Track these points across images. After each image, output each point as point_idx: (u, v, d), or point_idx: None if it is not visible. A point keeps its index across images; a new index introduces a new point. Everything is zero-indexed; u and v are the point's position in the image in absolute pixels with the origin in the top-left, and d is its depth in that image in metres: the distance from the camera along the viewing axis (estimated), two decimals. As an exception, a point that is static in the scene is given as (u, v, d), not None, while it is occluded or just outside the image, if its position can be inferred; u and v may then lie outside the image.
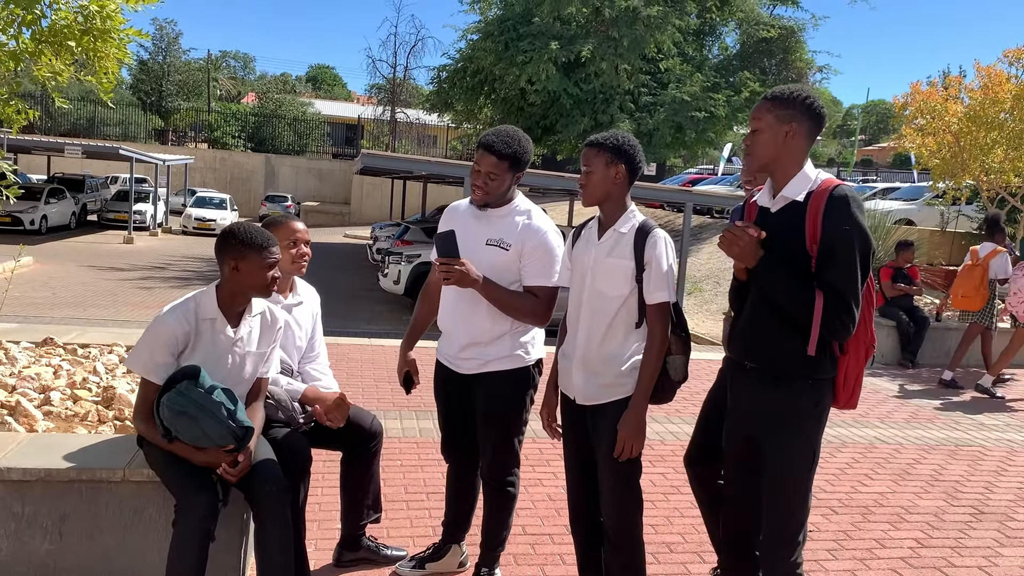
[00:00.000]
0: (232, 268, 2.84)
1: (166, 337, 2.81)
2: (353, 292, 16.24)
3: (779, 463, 2.59)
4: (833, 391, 2.61)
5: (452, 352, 3.25)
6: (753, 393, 2.66)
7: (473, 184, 3.09)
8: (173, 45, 51.27)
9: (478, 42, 23.71)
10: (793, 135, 2.53)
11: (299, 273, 3.41)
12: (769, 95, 2.59)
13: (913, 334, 9.74)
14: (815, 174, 2.56)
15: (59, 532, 2.93)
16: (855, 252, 2.44)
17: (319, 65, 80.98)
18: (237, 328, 2.93)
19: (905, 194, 22.20)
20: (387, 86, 42.34)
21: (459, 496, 3.48)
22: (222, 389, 2.78)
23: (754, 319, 2.64)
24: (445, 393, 3.35)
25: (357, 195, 37.36)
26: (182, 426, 2.73)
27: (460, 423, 3.34)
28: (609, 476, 2.86)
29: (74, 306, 12.61)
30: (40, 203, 23.95)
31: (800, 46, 24.91)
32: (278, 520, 2.83)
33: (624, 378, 2.84)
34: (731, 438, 2.80)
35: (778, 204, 2.59)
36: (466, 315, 3.15)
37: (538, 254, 3.09)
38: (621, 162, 2.81)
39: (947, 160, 11.41)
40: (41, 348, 4.70)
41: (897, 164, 41.57)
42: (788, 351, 2.54)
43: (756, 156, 2.61)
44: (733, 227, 2.55)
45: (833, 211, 2.44)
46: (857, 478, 5.22)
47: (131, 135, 42.51)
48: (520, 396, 3.22)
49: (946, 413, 7.32)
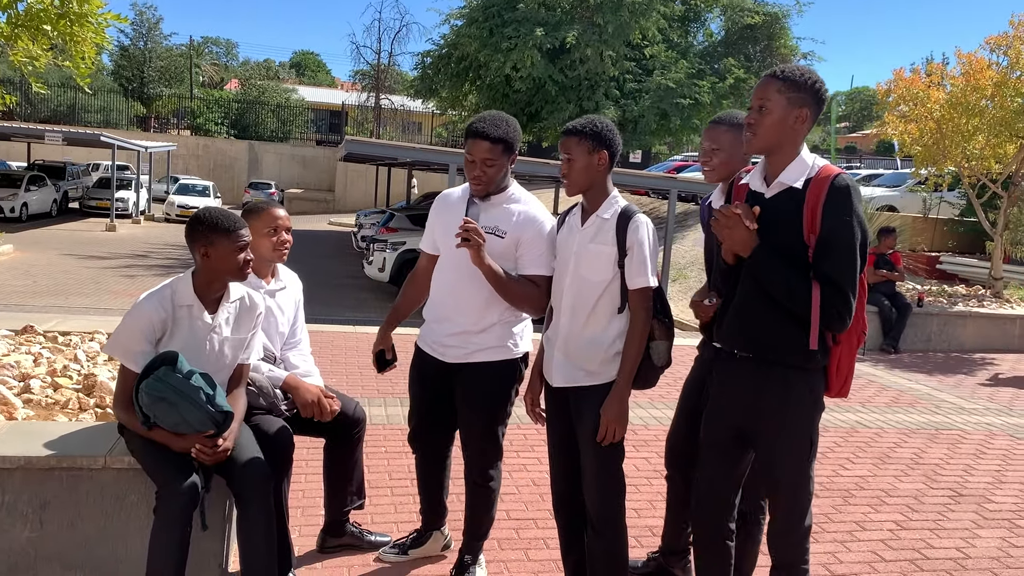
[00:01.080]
0: (203, 255, 2.82)
1: (143, 324, 2.79)
2: (338, 280, 16.19)
3: (779, 455, 2.55)
4: (826, 380, 2.58)
5: (438, 338, 3.20)
6: (745, 383, 2.59)
7: (471, 176, 3.03)
8: (154, 30, 50.76)
9: (462, 28, 23.60)
10: (802, 120, 2.46)
11: (280, 260, 3.38)
12: (780, 74, 2.48)
13: (895, 320, 9.82)
14: (812, 159, 2.50)
15: (40, 520, 2.92)
16: (855, 244, 2.39)
17: (303, 51, 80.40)
18: (215, 314, 2.91)
19: (888, 181, 22.34)
20: (371, 72, 42.12)
21: (431, 486, 3.45)
22: (200, 374, 2.77)
23: (745, 306, 2.57)
24: (423, 381, 3.30)
25: (341, 182, 37.18)
26: (161, 412, 2.71)
27: (434, 413, 3.30)
28: (592, 461, 2.87)
29: (55, 294, 12.51)
30: (20, 190, 23.72)
31: (784, 32, 24.95)
32: (261, 506, 2.83)
33: (607, 364, 2.84)
34: (713, 427, 2.73)
35: (774, 190, 2.51)
36: (460, 300, 3.11)
37: (537, 243, 3.06)
38: (602, 148, 2.80)
39: (929, 147, 11.46)
40: (21, 336, 4.66)
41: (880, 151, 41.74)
42: (782, 340, 2.49)
43: (761, 137, 2.49)
44: (729, 210, 2.47)
45: (834, 202, 2.38)
46: (839, 462, 5.27)
47: (112, 122, 42.07)
48: (506, 389, 3.19)
49: (927, 397, 7.39)
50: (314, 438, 3.51)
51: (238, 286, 3.01)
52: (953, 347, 10.23)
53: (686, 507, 3.28)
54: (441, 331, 3.19)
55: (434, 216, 3.27)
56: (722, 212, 2.48)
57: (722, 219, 2.48)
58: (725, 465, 2.71)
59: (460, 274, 3.07)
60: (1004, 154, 11.35)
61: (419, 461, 3.44)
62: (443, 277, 3.20)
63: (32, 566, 2.93)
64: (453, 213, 3.10)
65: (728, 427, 2.67)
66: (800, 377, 2.51)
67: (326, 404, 3.28)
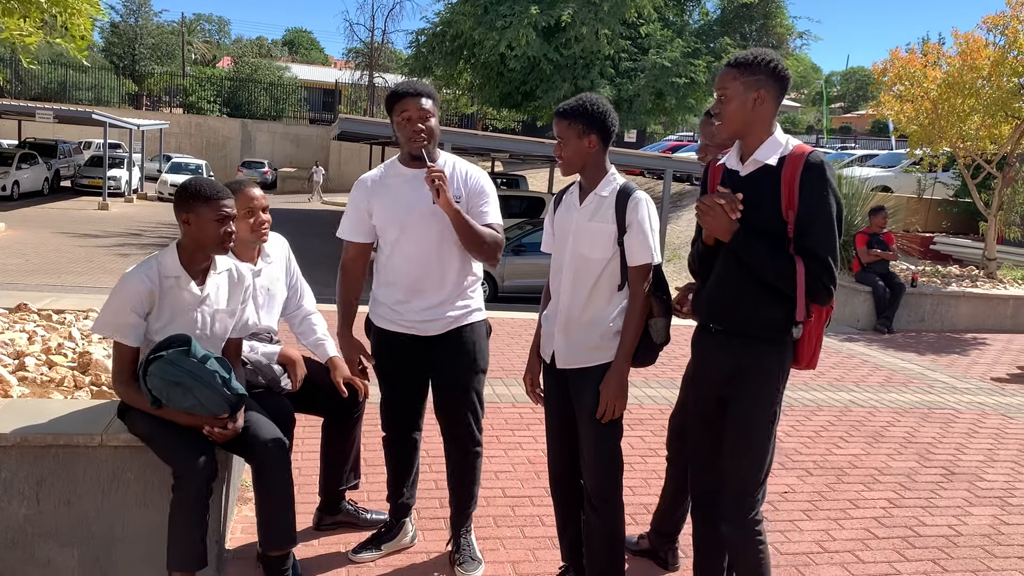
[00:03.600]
0: (184, 222, 2.81)
1: (130, 296, 2.77)
2: (330, 259, 16.09)
3: (743, 422, 2.63)
4: (795, 352, 2.65)
5: (412, 316, 3.16)
6: (719, 354, 2.69)
7: (412, 131, 3.04)
8: (144, 6, 50.22)
9: (457, 6, 23.38)
10: (762, 101, 2.54)
11: (261, 241, 3.30)
12: (733, 61, 2.58)
13: (889, 300, 9.85)
14: (785, 139, 2.58)
15: (36, 497, 2.91)
16: (833, 217, 2.48)
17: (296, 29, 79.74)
18: (203, 286, 2.90)
19: (883, 161, 22.34)
20: (365, 50, 41.85)
21: (405, 469, 3.39)
22: (216, 358, 2.77)
23: (721, 282, 2.66)
24: (395, 361, 3.25)
25: (335, 161, 37.02)
26: (175, 396, 2.71)
27: (411, 392, 3.28)
28: (591, 439, 2.88)
29: (48, 273, 12.46)
30: (12, 169, 23.57)
31: (780, 11, 24.82)
32: (282, 477, 2.89)
33: (607, 341, 2.85)
34: (697, 400, 2.84)
35: (749, 168, 2.59)
36: (433, 273, 3.13)
37: (480, 196, 3.16)
38: (593, 131, 2.79)
39: (924, 127, 11.43)
40: (15, 314, 4.64)
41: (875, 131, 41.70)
42: (756, 314, 2.59)
43: (727, 124, 2.60)
44: (711, 200, 2.54)
45: (810, 178, 2.47)
46: (832, 440, 5.30)
47: (104, 100, 41.74)
48: (485, 349, 3.27)
49: (920, 377, 7.43)
50: (309, 415, 3.52)
51: (225, 259, 2.98)
52: (946, 327, 10.28)
53: (681, 493, 3.32)
54: (413, 308, 3.15)
55: (368, 201, 3.20)
56: (704, 201, 2.56)
57: (704, 207, 2.56)
58: (712, 433, 2.77)
59: (428, 247, 3.10)
60: (999, 134, 11.33)
61: (392, 443, 3.36)
62: (407, 255, 3.14)
63: (29, 543, 2.93)
64: (395, 191, 3.14)
65: (708, 399, 2.76)
66: (772, 349, 2.60)
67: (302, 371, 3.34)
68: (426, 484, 4.02)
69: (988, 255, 12.07)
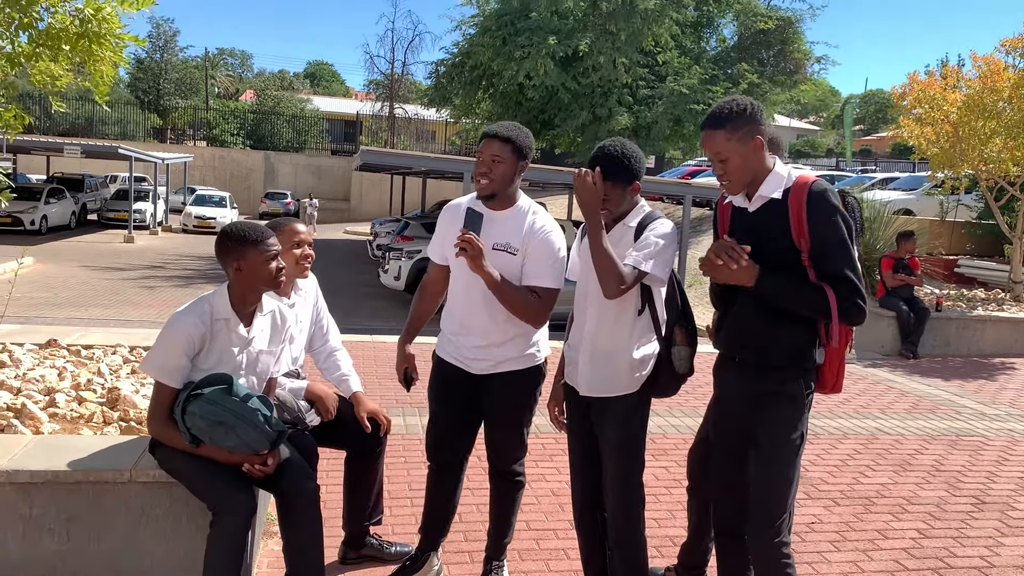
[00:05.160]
0: (235, 269, 2.86)
1: (182, 340, 2.82)
2: (354, 288, 16.25)
3: (768, 450, 2.65)
4: (818, 377, 2.69)
5: (463, 351, 3.20)
6: (742, 384, 2.72)
7: (477, 174, 3.03)
8: (170, 43, 51.20)
9: (476, 37, 23.64)
10: (759, 147, 2.61)
11: (303, 275, 3.41)
12: (716, 123, 2.59)
13: (914, 325, 9.76)
14: (786, 172, 2.64)
15: (67, 533, 2.95)
16: (844, 236, 2.54)
17: (317, 62, 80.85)
18: (250, 327, 2.96)
19: (904, 184, 22.18)
20: (385, 82, 42.32)
21: (444, 500, 3.39)
22: (257, 397, 2.81)
23: (742, 312, 2.70)
24: (447, 391, 3.28)
25: (356, 191, 37.36)
26: (218, 435, 2.74)
27: (459, 423, 3.30)
28: (612, 470, 2.89)
29: (76, 306, 12.62)
30: (40, 203, 23.94)
31: (798, 37, 24.84)
32: (311, 514, 2.91)
33: (630, 371, 2.86)
34: (720, 429, 2.86)
35: (756, 203, 2.67)
36: (480, 313, 3.11)
37: (541, 254, 3.06)
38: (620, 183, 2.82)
39: (946, 149, 11.39)
40: (45, 350, 4.72)
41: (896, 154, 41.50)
42: (778, 344, 2.63)
43: (736, 182, 2.65)
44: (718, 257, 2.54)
45: (815, 206, 2.54)
46: (859, 469, 5.24)
47: (130, 134, 42.46)
48: (532, 394, 3.26)
49: (947, 403, 7.34)
50: (334, 450, 3.54)
51: (270, 300, 3.05)
52: (972, 351, 10.15)
53: (705, 524, 3.30)
54: (464, 344, 3.20)
55: (444, 226, 3.27)
56: (710, 261, 2.57)
57: (708, 268, 2.57)
58: (735, 463, 2.78)
59: (477, 287, 3.06)
60: (1022, 156, 11.25)
61: (434, 473, 3.38)
62: (460, 289, 3.20)
63: (59, 579, 2.96)
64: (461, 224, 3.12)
65: (731, 430, 2.78)
66: (796, 376, 2.64)
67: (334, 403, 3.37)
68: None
69: (1014, 278, 11.93)
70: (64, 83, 4.26)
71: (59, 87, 4.24)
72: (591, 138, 22.42)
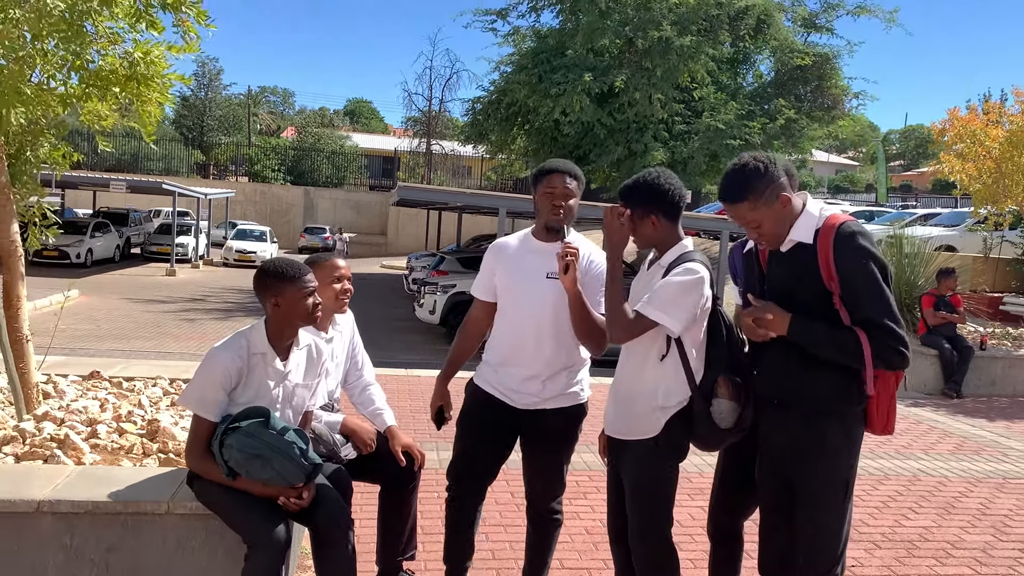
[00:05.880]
0: (273, 304, 2.90)
1: (220, 374, 2.87)
2: (389, 322, 16.35)
3: (812, 496, 2.58)
4: (865, 419, 2.61)
5: (508, 383, 3.21)
6: (785, 431, 2.65)
7: (553, 206, 3.10)
8: (214, 81, 52.54)
9: (512, 74, 23.92)
10: (786, 201, 2.57)
11: (341, 310, 3.46)
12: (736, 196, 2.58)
13: (957, 363, 9.55)
14: (818, 211, 2.59)
15: (106, 564, 2.99)
16: (878, 278, 2.47)
17: (357, 99, 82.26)
18: (286, 361, 3.00)
19: (946, 220, 21.86)
20: (423, 119, 42.91)
21: (467, 533, 3.37)
22: (294, 430, 2.84)
23: (777, 356, 2.65)
24: (482, 421, 3.27)
25: (393, 226, 37.76)
26: (255, 468, 2.78)
27: (489, 455, 3.28)
28: (630, 516, 2.87)
29: (118, 338, 12.86)
30: (86, 237, 24.52)
31: (835, 73, 24.74)
32: (346, 548, 2.91)
33: (647, 416, 2.80)
34: (764, 476, 2.79)
35: (787, 246, 2.63)
36: (531, 345, 3.15)
37: (597, 283, 3.10)
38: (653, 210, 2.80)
39: (988, 185, 11.25)
40: (88, 381, 4.82)
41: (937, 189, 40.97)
42: (817, 387, 2.57)
43: (773, 239, 2.63)
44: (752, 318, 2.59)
45: (843, 248, 2.48)
46: (901, 511, 5.12)
47: (173, 169, 43.47)
48: (575, 432, 3.27)
49: (993, 444, 7.15)
50: (367, 484, 3.55)
51: (306, 334, 3.10)
52: (1019, 392, 9.90)
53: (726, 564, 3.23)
54: (511, 376, 3.21)
55: (495, 263, 3.30)
56: (748, 325, 2.61)
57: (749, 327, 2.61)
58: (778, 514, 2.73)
59: (532, 319, 3.13)
60: (1067, 192, 11.07)
61: (457, 506, 3.33)
62: (511, 322, 3.22)
63: (97, 610, 2.99)
64: (518, 258, 3.20)
65: (776, 475, 2.71)
66: (837, 421, 2.57)
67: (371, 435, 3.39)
68: (482, 555, 4.00)
69: (1061, 316, 11.66)
70: (111, 123, 4.39)
71: (105, 126, 4.37)
72: (626, 173, 22.45)
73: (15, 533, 2.95)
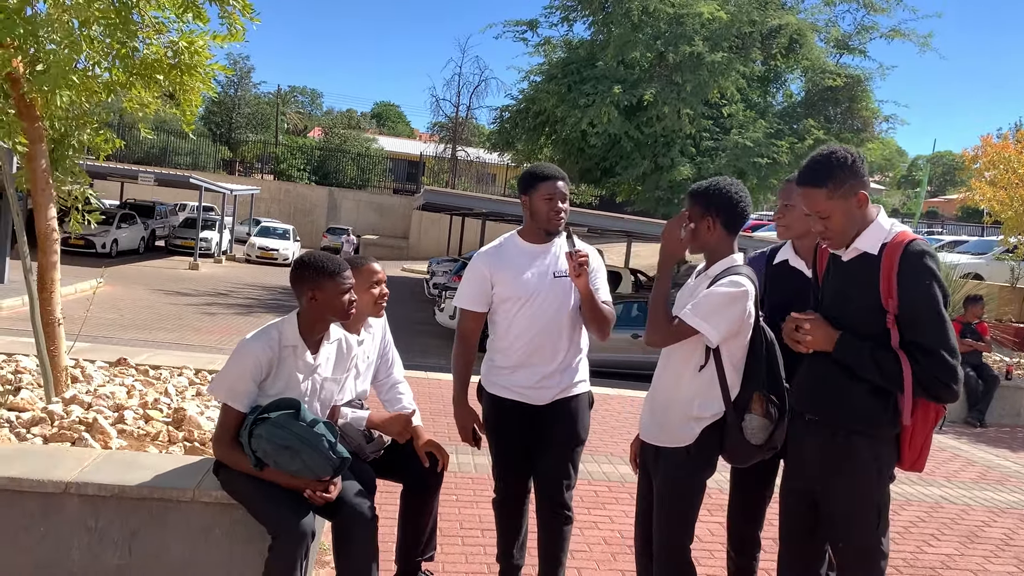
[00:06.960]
0: (310, 298, 2.91)
1: (251, 365, 2.88)
2: (409, 326, 16.37)
3: (843, 521, 2.53)
4: (897, 450, 2.52)
5: (526, 383, 3.29)
6: (814, 446, 2.60)
7: (555, 210, 3.22)
8: (245, 79, 52.99)
9: (541, 84, 23.94)
10: (861, 201, 2.48)
11: (378, 314, 3.47)
12: (816, 180, 2.47)
13: (982, 392, 9.45)
14: (890, 224, 2.49)
15: (129, 548, 3.00)
16: (940, 304, 2.37)
17: (384, 103, 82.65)
18: (316, 355, 3.00)
19: (973, 248, 21.65)
20: (449, 124, 43.08)
21: (515, 530, 3.47)
22: (323, 423, 2.85)
23: (815, 369, 2.60)
24: (506, 424, 3.36)
25: (416, 230, 37.88)
26: (284, 459, 2.79)
27: (524, 455, 3.37)
28: (654, 523, 2.85)
29: (140, 328, 12.97)
30: (112, 227, 24.79)
31: (866, 95, 24.59)
32: (369, 544, 2.92)
33: (681, 425, 2.79)
34: (790, 492, 2.74)
35: (850, 254, 2.54)
36: (546, 344, 3.26)
37: (601, 273, 3.30)
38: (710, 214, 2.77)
39: (1020, 213, 11.14)
40: (115, 368, 4.85)
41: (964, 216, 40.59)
42: (849, 404, 2.50)
43: (838, 239, 2.52)
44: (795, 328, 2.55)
45: (909, 267, 2.38)
46: (923, 538, 5.06)
47: (201, 164, 43.85)
48: (587, 420, 3.38)
49: (1017, 475, 7.05)
50: (388, 483, 3.55)
51: (336, 329, 3.11)
52: None
53: None
54: (528, 377, 3.29)
55: (492, 272, 3.32)
56: (791, 338, 2.56)
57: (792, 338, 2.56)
58: (802, 533, 2.69)
59: (544, 322, 3.25)
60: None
61: (502, 505, 3.45)
62: (529, 325, 3.27)
63: (118, 593, 3.01)
64: (520, 264, 3.27)
65: (802, 492, 2.66)
66: (866, 443, 2.49)
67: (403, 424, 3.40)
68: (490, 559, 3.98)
69: (1089, 349, 11.50)
70: (153, 110, 4.44)
71: (148, 114, 4.42)
72: (652, 187, 22.43)
73: (41, 513, 2.97)
